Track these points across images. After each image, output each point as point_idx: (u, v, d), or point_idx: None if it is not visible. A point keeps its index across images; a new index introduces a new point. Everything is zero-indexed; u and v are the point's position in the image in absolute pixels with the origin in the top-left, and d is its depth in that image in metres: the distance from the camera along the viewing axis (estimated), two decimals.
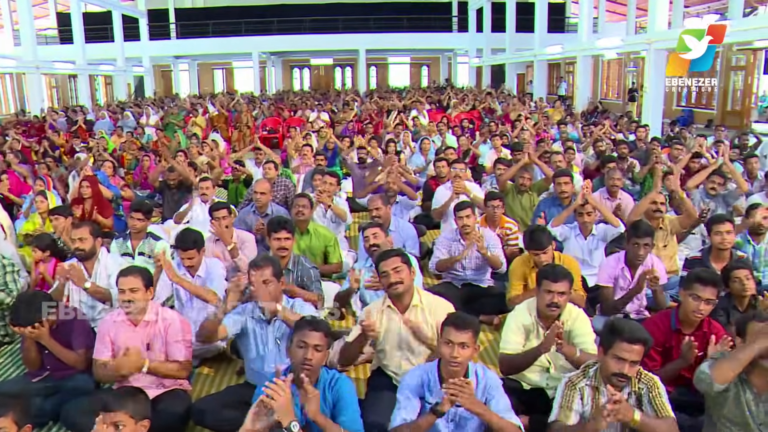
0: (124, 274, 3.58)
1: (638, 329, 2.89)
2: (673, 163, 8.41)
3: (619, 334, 2.81)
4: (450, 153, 8.99)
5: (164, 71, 36.37)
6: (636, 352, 2.79)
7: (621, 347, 2.80)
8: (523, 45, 24.53)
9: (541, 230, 4.69)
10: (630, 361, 2.79)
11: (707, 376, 2.86)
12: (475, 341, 2.94)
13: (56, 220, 5.75)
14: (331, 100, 21.36)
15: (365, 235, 4.84)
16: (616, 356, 2.81)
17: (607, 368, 2.86)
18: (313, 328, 2.89)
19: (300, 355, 2.87)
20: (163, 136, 12.74)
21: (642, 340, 2.80)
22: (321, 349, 2.89)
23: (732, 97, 20.17)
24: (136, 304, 3.52)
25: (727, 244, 4.78)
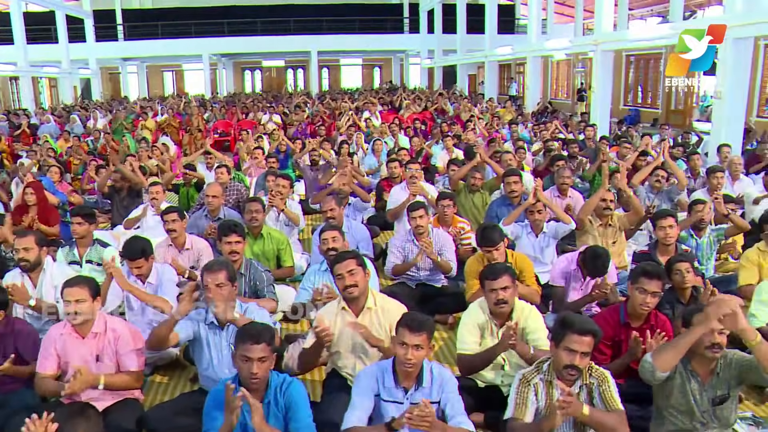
0: (69, 284, 3.45)
1: (587, 321, 2.98)
2: (621, 160, 8.63)
3: (570, 327, 2.88)
4: (403, 154, 9.04)
5: (112, 73, 35.56)
6: (586, 344, 2.86)
7: (571, 339, 2.86)
8: (473, 46, 24.79)
9: (492, 227, 4.74)
10: (580, 352, 2.85)
11: (650, 364, 2.94)
12: (429, 342, 2.96)
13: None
14: (283, 102, 21.22)
15: (323, 237, 4.77)
16: (567, 348, 2.87)
17: (559, 361, 2.92)
18: (254, 341, 2.84)
19: (246, 370, 2.84)
20: (112, 140, 12.46)
21: (591, 332, 2.87)
22: (266, 360, 2.85)
23: (675, 97, 20.77)
24: (82, 315, 3.39)
25: (670, 238, 4.92)
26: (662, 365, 2.92)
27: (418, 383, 3.00)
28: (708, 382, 3.03)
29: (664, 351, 2.96)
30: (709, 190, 6.79)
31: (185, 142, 13.93)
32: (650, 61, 21.84)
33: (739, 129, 10.41)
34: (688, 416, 3.05)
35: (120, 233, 7.00)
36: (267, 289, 4.67)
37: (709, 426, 3.04)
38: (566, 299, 4.68)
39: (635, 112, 21.23)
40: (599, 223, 5.64)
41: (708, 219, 5.47)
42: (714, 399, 3.03)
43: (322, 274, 4.64)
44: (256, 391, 2.90)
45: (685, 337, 2.93)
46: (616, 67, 19.98)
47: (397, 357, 2.98)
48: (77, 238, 5.17)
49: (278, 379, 2.98)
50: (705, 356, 2.99)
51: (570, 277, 4.74)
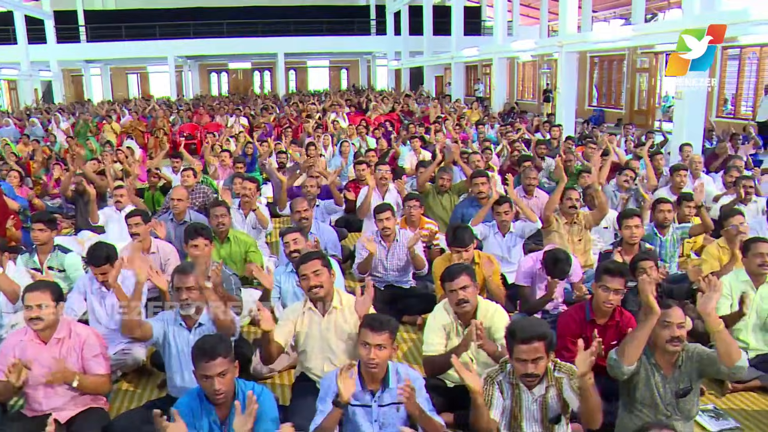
0: (30, 289, 3.37)
1: (530, 326, 2.90)
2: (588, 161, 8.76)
3: (515, 338, 2.85)
4: (371, 156, 9.04)
5: (75, 76, 34.90)
6: (534, 350, 2.81)
7: (519, 350, 2.84)
8: (440, 48, 24.92)
9: (463, 228, 4.75)
10: (531, 360, 2.82)
11: (615, 360, 3.02)
12: (392, 342, 2.97)
13: None
14: (249, 104, 21.07)
15: (285, 240, 4.78)
16: (518, 359, 2.86)
17: (516, 372, 2.93)
18: (209, 358, 2.77)
19: (208, 388, 2.81)
20: (75, 143, 12.23)
21: (537, 336, 2.82)
22: (225, 373, 2.80)
23: (638, 97, 21.15)
24: (44, 320, 3.31)
25: (635, 237, 5.01)
26: (627, 359, 3.00)
27: (385, 385, 3.00)
28: (671, 375, 3.10)
29: (625, 345, 3.04)
30: (672, 187, 6.93)
31: (150, 145, 13.74)
32: (614, 63, 22.21)
33: (700, 128, 10.64)
34: (652, 409, 3.11)
35: (85, 239, 6.89)
36: (234, 293, 4.60)
37: (672, 419, 3.10)
38: (533, 298, 4.73)
39: (600, 112, 21.56)
40: (565, 221, 5.72)
41: (671, 217, 5.58)
42: (677, 392, 3.10)
43: (288, 275, 4.64)
44: (224, 404, 2.86)
45: (641, 330, 3.01)
46: (581, 68, 20.28)
47: (360, 358, 2.97)
48: (38, 245, 5.04)
49: (247, 389, 2.94)
50: (666, 350, 3.06)
51: (536, 277, 4.79)
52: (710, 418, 3.68)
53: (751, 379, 3.97)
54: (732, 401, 3.93)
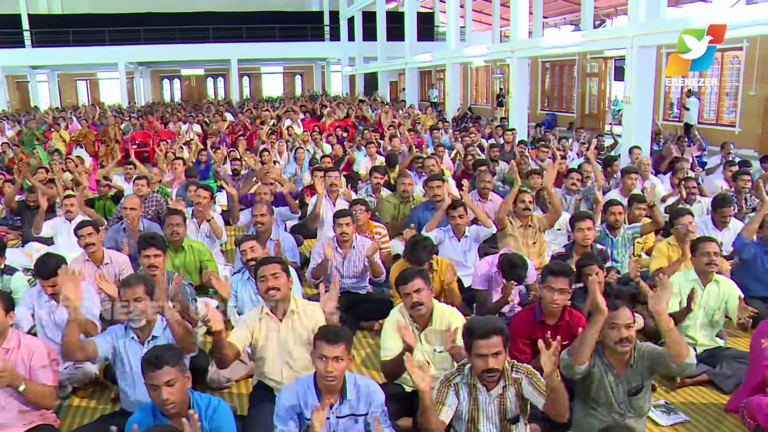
0: None
1: (488, 322, 2.97)
2: (542, 163, 8.92)
3: (473, 334, 2.90)
4: (326, 161, 9.03)
5: (20, 82, 33.87)
6: (494, 345, 2.86)
7: (478, 345, 2.88)
8: (394, 53, 25.03)
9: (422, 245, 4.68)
10: (491, 354, 2.87)
11: (568, 359, 3.08)
12: (348, 352, 2.94)
13: None
14: (203, 111, 20.81)
15: (242, 249, 4.73)
16: (478, 354, 2.90)
17: (476, 368, 2.95)
18: (155, 367, 2.73)
19: (156, 398, 2.76)
20: (21, 152, 11.91)
21: (495, 331, 2.87)
22: (174, 382, 2.75)
23: (589, 101, 21.61)
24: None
25: (588, 240, 5.12)
26: (578, 359, 3.06)
27: (342, 396, 2.98)
28: (623, 374, 3.17)
29: (575, 345, 3.10)
30: (623, 189, 7.10)
31: (101, 154, 13.46)
32: (565, 67, 22.67)
33: (648, 131, 10.93)
34: (606, 408, 3.18)
35: (33, 250, 6.71)
36: (189, 303, 4.53)
37: (626, 416, 3.18)
38: (489, 302, 4.79)
39: (552, 116, 21.96)
40: (519, 224, 5.80)
41: (622, 219, 5.71)
42: (629, 390, 3.17)
43: (245, 282, 4.60)
44: (176, 416, 2.78)
45: (590, 329, 3.07)
46: (533, 73, 20.68)
47: (317, 371, 2.94)
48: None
49: (203, 402, 2.90)
50: (616, 351, 3.13)
51: (492, 280, 4.84)
52: (662, 413, 3.77)
53: (699, 374, 4.10)
54: (682, 395, 4.04)
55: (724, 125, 15.67)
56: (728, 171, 7.89)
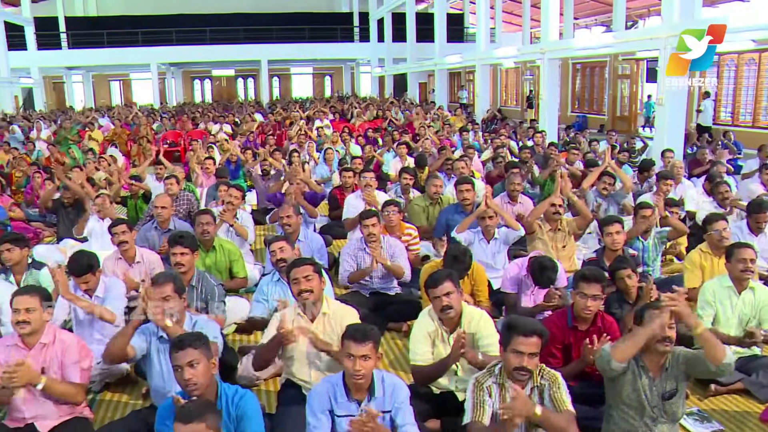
0: (20, 293, 3.38)
1: (532, 323, 3.02)
2: (571, 166, 8.82)
3: (515, 330, 2.92)
4: (357, 163, 9.05)
5: (56, 83, 34.61)
6: (533, 344, 2.89)
7: (518, 341, 2.89)
8: (423, 54, 25.02)
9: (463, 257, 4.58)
10: (528, 353, 2.89)
11: (607, 354, 3.02)
12: (376, 351, 2.96)
13: None
14: (233, 111, 21.01)
15: (272, 249, 4.75)
16: (515, 350, 2.91)
17: (508, 364, 2.95)
18: (178, 348, 2.82)
19: (180, 379, 2.83)
20: (57, 151, 12.13)
21: (537, 332, 2.91)
22: (196, 363, 2.81)
23: (620, 103, 21.35)
24: (31, 325, 3.29)
25: (617, 244, 5.03)
26: (619, 356, 3.00)
27: (371, 394, 2.99)
28: (658, 377, 3.11)
29: (622, 343, 3.05)
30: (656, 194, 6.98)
31: (134, 153, 13.67)
32: (596, 69, 22.42)
33: (680, 134, 10.76)
34: (638, 412, 3.12)
35: (67, 247, 6.83)
36: (217, 306, 4.54)
37: (659, 421, 3.12)
38: (519, 305, 4.75)
39: (583, 118, 21.75)
40: (549, 227, 5.75)
41: (653, 222, 5.63)
42: (664, 394, 3.11)
43: (275, 284, 4.62)
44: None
45: (641, 332, 3.01)
46: (563, 74, 20.48)
47: (345, 370, 2.97)
48: (11, 265, 4.86)
49: (230, 391, 2.95)
50: (656, 351, 3.07)
51: (521, 284, 4.81)
52: (695, 421, 3.71)
53: (734, 382, 4.01)
54: (716, 404, 3.95)
55: (761, 128, 15.35)
56: (765, 175, 7.71)
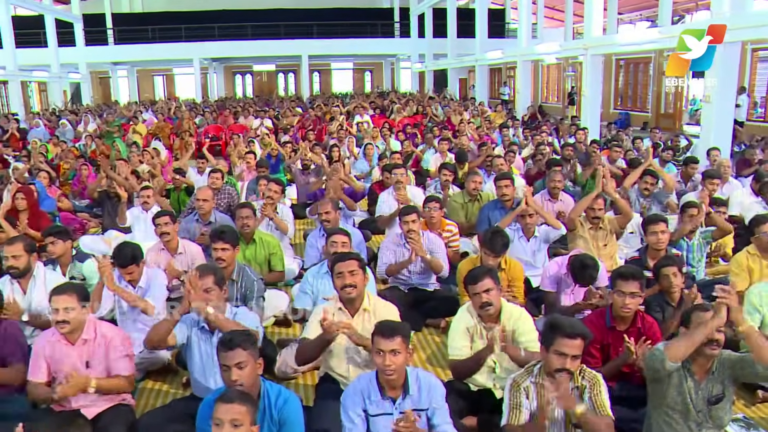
0: (57, 292, 3.42)
1: (577, 324, 2.97)
2: (612, 164, 8.68)
3: (559, 330, 2.88)
4: (396, 158, 9.05)
5: (102, 78, 35.42)
6: (576, 347, 2.86)
7: (561, 343, 2.86)
8: (464, 50, 24.87)
9: (500, 234, 4.67)
10: (571, 355, 2.85)
11: (661, 353, 2.95)
12: (406, 346, 2.94)
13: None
14: (274, 106, 21.20)
15: (332, 240, 4.66)
16: (558, 352, 2.87)
17: (549, 365, 2.92)
18: (227, 348, 2.82)
19: (227, 379, 2.84)
20: (102, 144, 12.41)
21: (581, 335, 2.88)
22: (244, 365, 2.82)
23: (665, 100, 20.89)
24: (71, 323, 3.36)
25: (661, 243, 4.93)
26: (674, 356, 2.93)
27: (405, 392, 2.98)
28: (704, 381, 3.05)
29: (676, 343, 2.98)
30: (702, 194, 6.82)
31: (176, 147, 13.90)
32: (640, 65, 21.98)
33: (728, 132, 10.48)
34: (683, 416, 3.06)
35: (111, 237, 6.99)
36: (256, 301, 4.56)
37: (704, 426, 3.05)
38: (558, 304, 4.70)
39: (625, 115, 21.35)
40: (590, 225, 5.66)
41: (699, 222, 5.50)
42: (710, 398, 3.04)
43: (322, 276, 4.60)
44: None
45: (699, 332, 2.94)
46: (606, 70, 20.10)
47: (377, 366, 2.96)
48: (56, 257, 4.99)
49: (274, 392, 2.95)
50: (703, 354, 3.00)
51: (561, 282, 4.75)
52: (740, 427, 3.60)
53: None
54: (763, 411, 3.85)
55: None
56: None
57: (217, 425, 2.51)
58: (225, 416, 2.50)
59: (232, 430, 2.50)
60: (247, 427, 2.53)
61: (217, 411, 2.52)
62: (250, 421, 2.55)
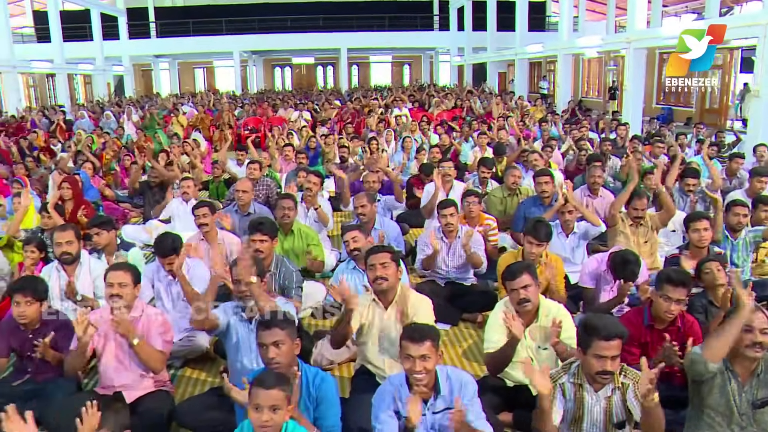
0: (114, 268, 3.63)
1: (611, 325, 2.90)
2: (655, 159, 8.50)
3: (596, 334, 2.83)
4: (434, 152, 9.03)
5: (144, 70, 36.08)
6: (614, 347, 2.81)
7: (599, 346, 2.81)
8: (504, 44, 24.63)
9: (544, 223, 4.67)
10: (610, 357, 2.81)
11: (699, 356, 2.89)
12: (435, 349, 2.90)
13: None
14: (312, 99, 21.32)
15: (345, 239, 4.76)
16: (597, 355, 2.83)
17: (589, 368, 2.88)
18: (265, 327, 2.92)
19: (264, 357, 2.91)
20: (143, 136, 12.65)
21: (618, 335, 2.82)
22: (282, 344, 2.89)
23: (710, 95, 20.39)
24: (123, 299, 3.50)
25: (704, 241, 4.82)
26: (712, 356, 2.87)
27: (436, 392, 2.95)
28: (747, 383, 2.97)
29: (712, 342, 2.92)
30: (749, 191, 6.66)
31: (215, 138, 14.09)
32: None
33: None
34: (726, 419, 2.99)
35: (152, 227, 7.12)
36: (294, 291, 4.63)
37: (747, 430, 2.97)
38: (597, 300, 4.64)
39: (668, 110, 20.91)
40: (631, 222, 5.57)
41: (746, 221, 5.36)
42: (755, 402, 2.96)
43: (351, 271, 4.64)
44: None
45: (732, 324, 2.87)
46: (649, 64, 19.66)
47: (406, 371, 2.93)
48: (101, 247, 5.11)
49: (311, 372, 3.02)
50: (746, 356, 2.93)
51: (600, 279, 4.68)
52: None
53: None
54: None
55: None
56: None
57: (256, 410, 2.57)
58: (264, 401, 2.56)
59: (271, 415, 2.56)
60: (285, 410, 2.60)
61: (256, 396, 2.58)
62: (287, 404, 2.61)
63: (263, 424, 2.55)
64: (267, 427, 2.55)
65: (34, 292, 3.69)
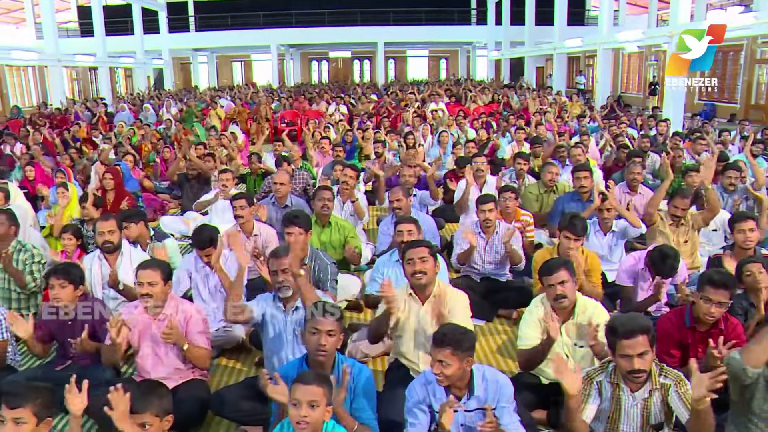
0: (143, 266, 3.61)
1: (631, 320, 2.84)
2: (698, 156, 8.33)
3: (616, 333, 2.79)
4: (470, 147, 8.98)
5: (183, 64, 36.59)
6: (640, 344, 2.75)
7: (623, 345, 2.77)
8: (542, 38, 24.39)
9: (580, 218, 4.63)
10: (636, 354, 2.75)
11: (738, 361, 2.80)
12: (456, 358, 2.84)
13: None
14: (349, 93, 21.36)
15: (399, 229, 4.66)
16: (622, 355, 2.79)
17: (621, 368, 2.84)
18: (322, 314, 2.99)
19: (314, 342, 2.96)
20: (182, 128, 12.83)
21: (639, 330, 2.75)
22: (334, 334, 2.98)
23: (756, 91, 19.86)
24: (154, 297, 3.54)
25: (750, 242, 4.67)
26: (752, 361, 2.79)
27: (470, 391, 2.94)
28: None
29: (753, 346, 2.83)
30: None
31: (253, 131, 14.21)
32: (729, 53, 20.94)
33: None
34: None
35: (190, 218, 7.23)
36: (330, 283, 4.65)
37: None
38: (634, 299, 4.57)
39: (711, 106, 20.43)
40: (671, 221, 5.46)
41: None
42: None
43: (393, 264, 4.62)
44: (322, 366, 2.98)
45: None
46: None
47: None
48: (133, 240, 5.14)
49: (349, 363, 3.04)
50: None
51: (638, 277, 4.60)
52: None
53: None
54: None
55: None
56: None
57: (295, 405, 2.59)
58: (303, 397, 2.58)
59: (309, 411, 2.57)
60: (323, 408, 2.61)
61: (296, 392, 2.60)
62: (326, 402, 2.62)
63: (301, 420, 2.57)
64: (305, 423, 2.57)
65: (69, 275, 3.75)
